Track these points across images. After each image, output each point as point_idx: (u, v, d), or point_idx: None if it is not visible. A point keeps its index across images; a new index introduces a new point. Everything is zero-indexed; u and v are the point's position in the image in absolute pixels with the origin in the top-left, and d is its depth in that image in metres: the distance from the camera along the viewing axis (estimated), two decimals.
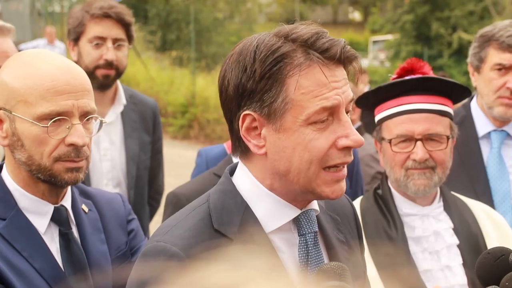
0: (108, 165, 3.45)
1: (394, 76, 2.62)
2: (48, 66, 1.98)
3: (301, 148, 1.58)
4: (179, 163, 12.45)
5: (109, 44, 3.38)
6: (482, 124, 3.31)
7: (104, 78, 3.41)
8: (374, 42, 32.40)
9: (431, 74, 2.59)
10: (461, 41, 24.69)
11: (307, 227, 1.67)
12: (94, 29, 3.38)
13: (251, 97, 1.59)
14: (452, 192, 2.69)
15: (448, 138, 2.51)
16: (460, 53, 24.66)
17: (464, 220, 2.58)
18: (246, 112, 1.60)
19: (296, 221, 1.67)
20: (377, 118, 2.61)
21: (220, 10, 24.62)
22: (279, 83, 1.56)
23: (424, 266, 2.47)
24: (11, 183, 2.04)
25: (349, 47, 1.61)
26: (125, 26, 3.42)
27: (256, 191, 1.65)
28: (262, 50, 1.57)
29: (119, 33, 3.39)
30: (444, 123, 2.51)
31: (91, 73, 3.27)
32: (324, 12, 46.21)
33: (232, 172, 1.73)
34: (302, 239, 1.66)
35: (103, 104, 3.48)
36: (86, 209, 2.16)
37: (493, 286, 1.22)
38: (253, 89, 1.58)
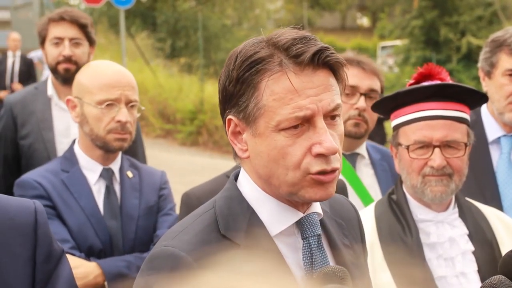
0: None
1: (411, 81, 2.60)
2: (106, 69, 2.88)
3: (275, 154, 1.57)
4: (187, 169, 12.48)
5: (66, 42, 3.81)
6: (492, 129, 3.30)
7: (65, 72, 3.83)
8: (383, 47, 32.35)
9: (448, 79, 2.57)
10: (470, 46, 24.62)
11: (310, 230, 1.66)
12: (53, 31, 3.86)
13: (230, 101, 1.61)
14: (467, 198, 2.67)
15: (466, 145, 2.49)
16: (469, 58, 24.59)
17: (479, 227, 2.55)
18: (229, 117, 1.63)
19: (299, 224, 1.67)
20: (394, 123, 2.60)
21: (228, 17, 24.64)
22: (252, 88, 1.57)
23: (438, 273, 2.45)
24: (77, 148, 2.95)
25: (329, 52, 1.58)
26: (81, 26, 3.85)
27: (258, 195, 1.66)
28: (242, 55, 1.59)
29: (75, 33, 3.83)
30: (462, 130, 2.50)
31: (54, 69, 3.86)
32: (332, 18, 46.21)
33: (237, 177, 1.74)
34: (306, 242, 1.66)
35: None
36: (131, 175, 3.00)
37: (500, 275, 1.25)
38: (232, 93, 1.60)
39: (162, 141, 16.95)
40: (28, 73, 13.68)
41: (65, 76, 3.84)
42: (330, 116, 1.60)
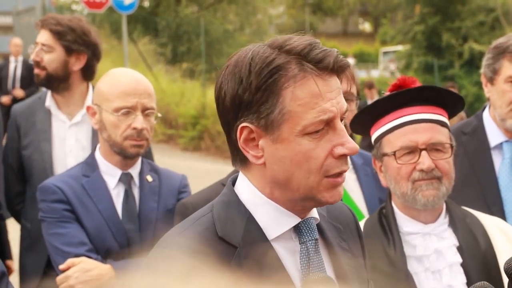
0: (72, 160, 3.73)
1: (387, 93, 2.56)
2: (123, 77, 2.95)
3: (299, 158, 1.60)
4: (190, 175, 12.44)
5: (37, 48, 3.82)
6: (494, 135, 3.30)
7: (36, 77, 3.85)
8: (385, 53, 32.41)
9: None
10: (472, 52, 24.62)
11: (308, 234, 1.68)
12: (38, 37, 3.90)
13: (248, 109, 1.62)
14: (464, 207, 2.60)
15: (452, 146, 2.45)
16: (471, 63, 24.58)
17: (471, 237, 2.48)
18: (244, 124, 1.63)
19: (296, 229, 1.69)
20: (375, 135, 2.55)
21: (230, 22, 24.69)
22: (275, 95, 1.59)
23: (426, 286, 2.39)
24: (98, 154, 3.04)
25: (341, 56, 1.63)
26: (53, 33, 3.79)
27: (257, 200, 1.68)
28: (257, 62, 1.60)
29: (45, 39, 3.79)
30: (445, 133, 2.46)
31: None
32: (334, 23, 46.28)
33: (234, 183, 1.75)
34: (303, 246, 1.68)
35: (72, 105, 3.89)
36: (150, 179, 3.08)
37: (483, 282, 1.27)
38: (250, 100, 1.61)
39: (165, 146, 16.96)
40: (29, 78, 13.70)
41: (37, 81, 3.88)
42: (341, 118, 1.65)
